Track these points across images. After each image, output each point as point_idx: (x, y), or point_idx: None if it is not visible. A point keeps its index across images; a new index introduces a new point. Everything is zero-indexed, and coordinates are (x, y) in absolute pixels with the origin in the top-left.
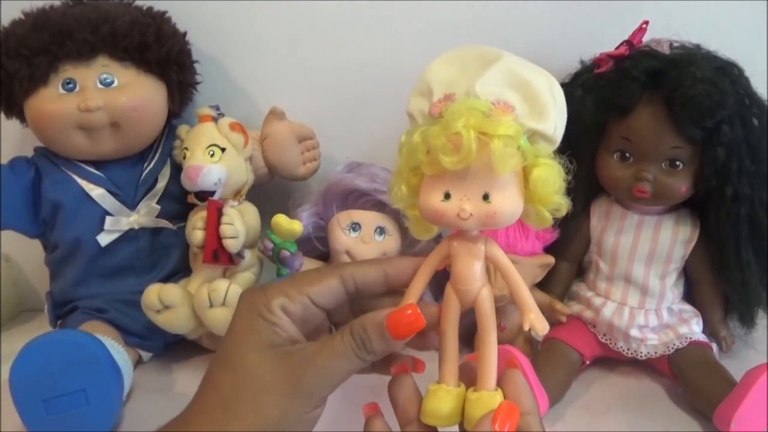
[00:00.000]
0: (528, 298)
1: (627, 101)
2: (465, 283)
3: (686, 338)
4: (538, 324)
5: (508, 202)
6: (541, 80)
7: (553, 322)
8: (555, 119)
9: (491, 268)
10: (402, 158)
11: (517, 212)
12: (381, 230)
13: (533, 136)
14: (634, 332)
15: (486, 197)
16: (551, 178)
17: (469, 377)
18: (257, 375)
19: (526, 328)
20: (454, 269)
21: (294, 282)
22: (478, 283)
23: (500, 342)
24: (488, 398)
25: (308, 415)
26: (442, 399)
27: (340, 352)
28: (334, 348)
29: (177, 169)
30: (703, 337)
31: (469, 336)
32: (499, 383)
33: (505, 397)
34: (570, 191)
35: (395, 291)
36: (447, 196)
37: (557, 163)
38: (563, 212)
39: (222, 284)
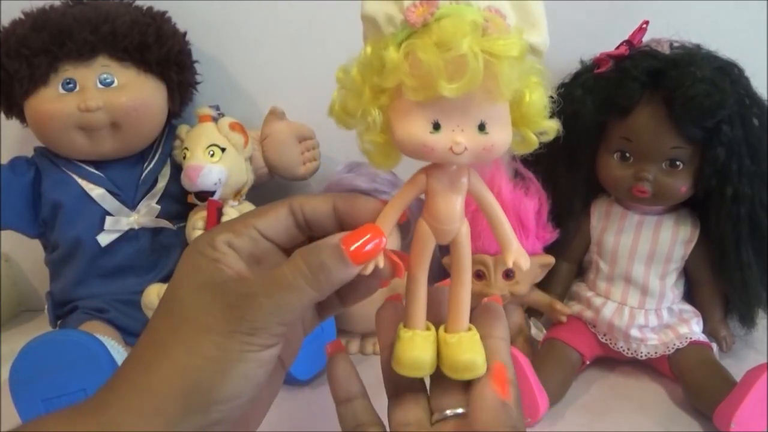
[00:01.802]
0: (510, 234)
1: (627, 101)
2: (446, 222)
3: (686, 338)
4: (521, 259)
5: (505, 132)
6: None
7: (554, 322)
8: (545, 32)
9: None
10: (366, 72)
11: (509, 142)
12: None
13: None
14: (635, 332)
15: (482, 127)
16: (543, 99)
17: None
18: (192, 315)
19: (509, 263)
20: (433, 206)
21: (241, 217)
22: (458, 222)
23: None
24: (468, 340)
25: (255, 354)
26: (421, 346)
27: (289, 283)
28: (280, 279)
29: (177, 169)
30: (703, 337)
31: None
32: (474, 316)
33: (479, 329)
34: (570, 191)
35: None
36: (436, 126)
37: (544, 81)
38: (551, 135)
39: None
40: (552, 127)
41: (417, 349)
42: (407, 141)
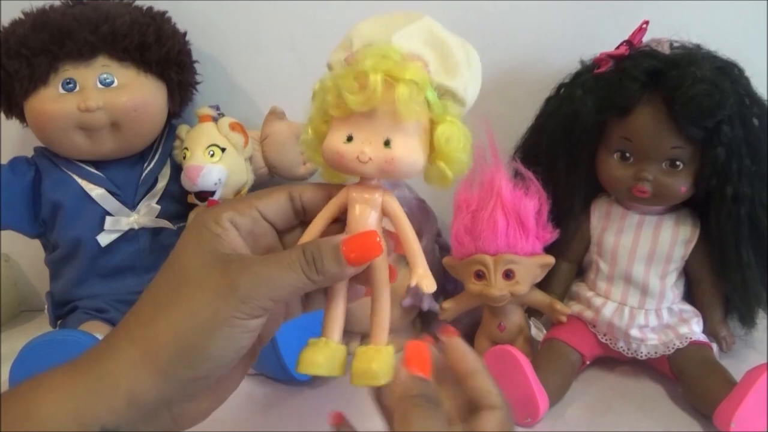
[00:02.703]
0: (419, 254)
1: (627, 101)
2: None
3: (686, 338)
4: (424, 281)
5: (409, 151)
6: (458, 42)
7: (554, 322)
8: (467, 79)
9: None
10: (314, 105)
11: (416, 163)
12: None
13: (443, 94)
14: (635, 332)
15: (387, 143)
16: (456, 135)
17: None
18: (193, 275)
19: (413, 284)
20: (350, 217)
21: (244, 197)
22: None
23: (500, 342)
24: (373, 351)
25: (242, 321)
26: (319, 349)
27: (286, 264)
28: (279, 259)
29: (177, 169)
30: (703, 337)
31: (470, 335)
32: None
33: (450, 363)
34: (570, 191)
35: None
36: (350, 138)
37: (464, 126)
38: (464, 172)
39: None
40: (465, 163)
41: (314, 351)
42: (326, 149)
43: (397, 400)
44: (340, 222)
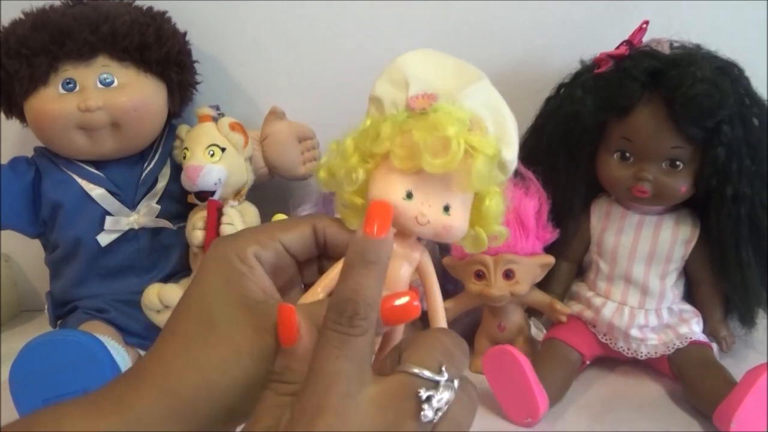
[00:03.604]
0: (440, 313)
1: (627, 101)
2: (390, 287)
3: (686, 338)
4: None
5: (463, 220)
6: (509, 111)
7: (554, 322)
8: (515, 152)
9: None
10: (360, 140)
11: (464, 231)
12: None
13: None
14: (635, 332)
15: (447, 209)
16: (501, 207)
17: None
18: (224, 330)
19: None
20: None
21: (266, 228)
22: (401, 290)
23: (500, 342)
24: None
25: (279, 385)
26: None
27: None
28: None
29: (177, 169)
30: (703, 337)
31: (470, 335)
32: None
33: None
34: (570, 191)
35: None
36: (409, 195)
37: (503, 196)
38: (501, 241)
39: None
40: (502, 233)
41: None
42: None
43: (345, 260)
44: None
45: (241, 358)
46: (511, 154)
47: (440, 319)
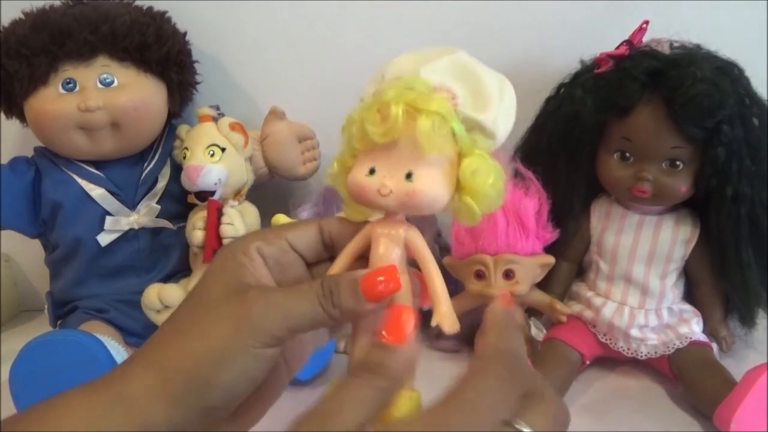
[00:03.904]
0: (442, 293)
1: (627, 101)
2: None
3: (686, 338)
4: (446, 320)
5: (430, 184)
6: (492, 77)
7: (554, 322)
8: (497, 114)
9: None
10: (342, 139)
11: (439, 198)
12: None
13: (472, 128)
14: (635, 332)
15: (409, 176)
16: (483, 169)
17: None
18: (211, 306)
19: (434, 323)
20: (373, 253)
21: (275, 228)
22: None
23: None
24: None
25: (256, 350)
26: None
27: (303, 294)
28: (296, 290)
29: (177, 169)
30: (703, 337)
31: (470, 335)
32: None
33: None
34: (570, 191)
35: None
36: (372, 171)
37: (494, 161)
38: (493, 208)
39: None
40: (494, 197)
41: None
42: (350, 182)
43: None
44: (365, 258)
45: (220, 326)
46: (488, 115)
47: (441, 299)
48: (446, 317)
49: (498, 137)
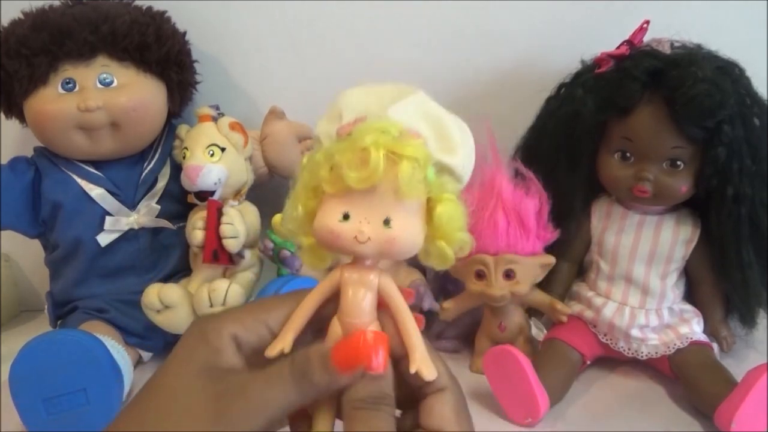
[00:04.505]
0: (416, 338)
1: (628, 101)
2: (352, 316)
3: (687, 338)
4: (424, 368)
5: (409, 231)
6: (452, 119)
7: (554, 322)
8: (463, 157)
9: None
10: (301, 179)
11: (416, 243)
12: None
13: (441, 171)
14: (635, 332)
15: (387, 222)
16: (455, 214)
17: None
18: (181, 399)
19: (412, 371)
20: (343, 299)
21: (253, 311)
22: (366, 317)
23: (501, 342)
24: None
25: None
26: None
27: (276, 380)
28: (270, 376)
29: (177, 169)
30: (703, 337)
31: (470, 335)
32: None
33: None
34: (570, 191)
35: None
36: (346, 216)
37: (460, 203)
38: (467, 250)
39: (222, 284)
40: (466, 241)
41: None
42: (319, 228)
43: (344, 402)
44: (333, 302)
45: (194, 422)
46: (457, 159)
47: (416, 345)
48: (424, 364)
49: (464, 180)
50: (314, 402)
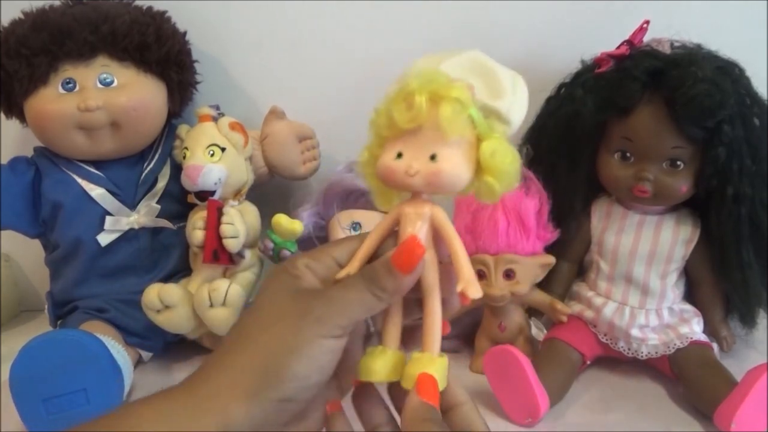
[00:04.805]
0: (465, 262)
1: (628, 101)
2: None
3: (687, 338)
4: (471, 286)
5: (453, 165)
6: (506, 72)
7: (554, 322)
8: (510, 102)
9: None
10: (371, 131)
11: (462, 177)
12: None
13: (489, 114)
14: (635, 332)
15: (433, 157)
16: (501, 150)
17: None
18: (274, 308)
19: (459, 289)
20: (401, 230)
21: (321, 246)
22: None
23: (500, 342)
24: (427, 360)
25: (324, 340)
26: (377, 356)
27: (351, 286)
28: (345, 284)
29: (177, 169)
30: (703, 337)
31: (470, 335)
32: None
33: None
34: (571, 191)
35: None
36: (399, 155)
37: (510, 144)
38: (512, 186)
39: (222, 284)
40: (513, 177)
41: (371, 359)
42: (379, 167)
43: (408, 421)
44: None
45: (285, 321)
46: (502, 103)
47: (464, 267)
48: (470, 283)
49: (513, 124)
50: (383, 318)
